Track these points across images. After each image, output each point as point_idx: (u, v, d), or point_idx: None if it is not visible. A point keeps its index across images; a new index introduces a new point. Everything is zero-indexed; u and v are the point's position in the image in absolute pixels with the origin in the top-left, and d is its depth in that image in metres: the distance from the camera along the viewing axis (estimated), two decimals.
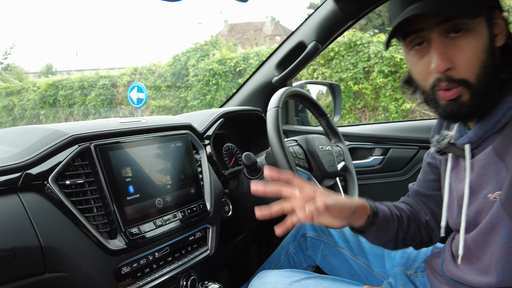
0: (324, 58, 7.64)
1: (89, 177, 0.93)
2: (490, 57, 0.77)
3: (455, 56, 0.77)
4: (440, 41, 0.77)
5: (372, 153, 1.80)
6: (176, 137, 1.16)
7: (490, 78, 0.78)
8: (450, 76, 0.77)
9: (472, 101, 0.78)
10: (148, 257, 1.01)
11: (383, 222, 0.99)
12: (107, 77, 11.43)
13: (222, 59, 9.34)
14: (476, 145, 0.84)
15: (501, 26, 0.80)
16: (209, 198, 1.20)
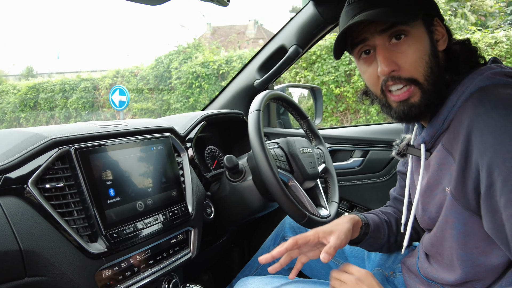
0: (306, 61, 7.70)
1: (69, 180, 0.93)
2: (433, 59, 0.84)
3: (399, 59, 0.83)
4: (384, 47, 0.84)
5: (352, 155, 1.83)
6: (157, 140, 1.16)
7: (437, 78, 0.84)
8: (398, 75, 0.83)
9: (422, 101, 0.84)
10: (129, 260, 1.02)
11: (375, 230, 1.09)
12: (88, 80, 11.29)
13: (205, 62, 9.32)
14: (430, 145, 0.90)
15: (441, 32, 0.87)
16: (191, 201, 1.21)
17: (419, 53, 0.83)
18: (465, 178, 0.78)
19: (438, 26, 0.87)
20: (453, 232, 0.85)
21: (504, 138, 0.71)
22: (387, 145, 1.77)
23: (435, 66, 0.84)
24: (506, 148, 0.71)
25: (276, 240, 1.46)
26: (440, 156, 0.85)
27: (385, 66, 0.83)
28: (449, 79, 0.85)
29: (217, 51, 9.93)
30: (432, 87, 0.84)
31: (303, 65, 7.75)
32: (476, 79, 0.80)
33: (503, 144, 0.71)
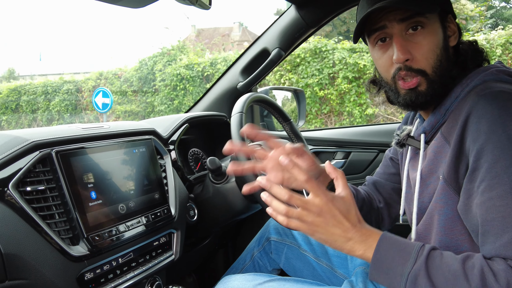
0: (291, 64, 7.75)
1: (51, 183, 0.93)
2: (444, 53, 0.89)
3: (413, 49, 0.87)
4: (400, 36, 0.88)
5: (334, 157, 1.85)
6: (140, 143, 1.16)
7: (445, 71, 0.89)
8: (409, 66, 0.88)
9: (428, 91, 0.88)
10: (111, 263, 1.01)
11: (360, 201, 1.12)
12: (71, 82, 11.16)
13: (189, 64, 9.30)
14: (430, 136, 0.93)
15: (453, 29, 0.92)
16: (174, 203, 1.21)
17: (432, 45, 0.87)
18: (458, 162, 0.82)
19: (451, 23, 0.92)
20: (441, 217, 0.87)
21: (497, 127, 0.74)
22: (369, 146, 1.80)
23: (445, 60, 0.88)
24: (497, 137, 0.74)
25: (260, 242, 1.47)
26: (438, 144, 0.88)
27: (401, 54, 0.86)
28: (455, 73, 0.90)
29: (202, 53, 9.92)
30: (438, 78, 0.88)
31: (287, 67, 7.80)
32: (481, 74, 0.85)
33: (496, 133, 0.74)
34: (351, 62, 7.37)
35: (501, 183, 0.73)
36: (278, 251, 1.42)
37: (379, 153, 1.77)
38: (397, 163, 1.17)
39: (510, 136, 0.74)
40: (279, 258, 1.42)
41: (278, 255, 1.42)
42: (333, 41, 7.73)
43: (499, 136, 0.74)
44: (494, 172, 0.74)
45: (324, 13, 1.61)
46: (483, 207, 0.75)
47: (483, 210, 0.75)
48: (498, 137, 0.74)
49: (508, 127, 0.74)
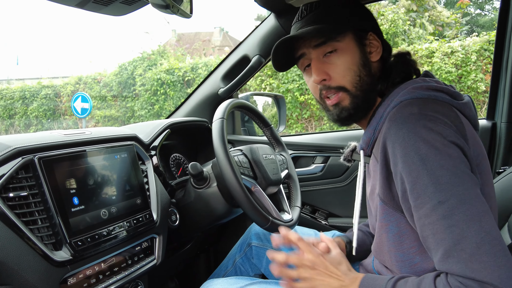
0: (272, 69, 7.80)
1: (33, 189, 0.93)
2: (363, 69, 0.96)
3: (330, 70, 0.96)
4: (317, 60, 0.97)
5: (314, 161, 1.89)
6: (121, 148, 1.18)
7: (366, 86, 0.96)
8: (328, 85, 0.96)
9: (351, 105, 0.96)
10: (94, 268, 1.02)
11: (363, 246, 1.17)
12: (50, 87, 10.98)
13: (170, 69, 9.28)
14: (369, 152, 0.97)
15: (375, 45, 0.99)
16: (156, 208, 1.22)
17: (347, 64, 0.95)
18: (388, 183, 0.87)
19: (373, 40, 0.98)
20: (389, 235, 0.92)
21: (410, 151, 0.78)
22: None
23: (365, 75, 0.95)
24: (411, 160, 0.78)
25: (242, 248, 1.49)
26: (373, 163, 0.95)
27: (316, 76, 0.96)
28: (383, 88, 0.97)
29: (183, 58, 9.90)
30: (360, 93, 0.95)
31: (268, 73, 7.85)
32: (399, 94, 0.89)
33: (409, 156, 0.78)
34: None
35: (424, 202, 0.77)
36: (259, 256, 1.45)
37: None
38: None
39: (423, 157, 0.77)
40: (260, 263, 1.44)
41: (259, 260, 1.45)
42: None
43: (412, 158, 0.78)
44: (415, 194, 0.78)
45: None
46: (418, 225, 0.80)
47: (419, 228, 0.80)
48: (412, 160, 0.78)
49: (419, 148, 0.78)
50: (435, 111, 0.81)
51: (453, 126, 0.81)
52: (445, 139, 0.78)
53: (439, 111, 0.82)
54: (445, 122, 0.80)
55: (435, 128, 0.79)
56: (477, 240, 0.72)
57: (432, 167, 0.77)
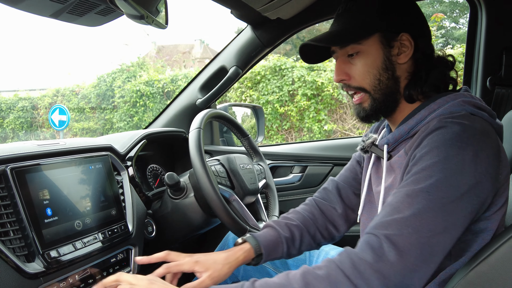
0: (251, 81, 7.85)
1: (5, 200, 0.92)
2: (385, 72, 0.96)
3: (350, 70, 0.98)
4: (341, 59, 1.00)
5: (292, 171, 1.91)
6: (96, 159, 1.17)
7: (386, 89, 0.97)
8: (348, 84, 0.99)
9: (371, 107, 0.98)
10: (68, 280, 1.01)
11: (271, 251, 1.10)
12: (27, 99, 10.77)
13: (149, 81, 9.23)
14: (392, 148, 0.99)
15: (406, 46, 0.96)
16: (131, 219, 1.21)
17: (367, 67, 0.96)
18: None
19: (405, 41, 0.95)
20: None
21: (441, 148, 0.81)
22: (324, 160, 1.86)
23: (386, 78, 0.96)
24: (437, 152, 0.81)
25: None
26: (400, 160, 0.95)
27: (335, 75, 0.99)
28: (413, 94, 0.96)
29: (162, 70, 9.87)
30: (379, 95, 0.97)
31: (248, 84, 7.89)
32: (449, 103, 0.89)
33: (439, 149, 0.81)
34: (310, 79, 7.56)
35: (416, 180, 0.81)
36: None
37: (334, 166, 1.84)
38: (361, 167, 1.21)
39: (448, 157, 0.79)
40: (238, 271, 1.43)
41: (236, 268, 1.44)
42: (292, 60, 7.91)
43: (439, 154, 0.80)
44: (416, 177, 0.81)
45: (279, 33, 1.68)
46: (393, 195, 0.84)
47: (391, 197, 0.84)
48: (437, 153, 0.80)
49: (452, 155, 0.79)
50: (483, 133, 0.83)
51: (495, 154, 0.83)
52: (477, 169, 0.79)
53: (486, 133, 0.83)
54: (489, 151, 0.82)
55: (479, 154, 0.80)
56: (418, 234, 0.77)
57: (450, 170, 0.79)
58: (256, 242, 1.08)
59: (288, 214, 1.21)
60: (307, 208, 1.22)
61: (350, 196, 1.21)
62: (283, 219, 1.18)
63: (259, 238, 1.09)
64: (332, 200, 1.22)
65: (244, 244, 1.08)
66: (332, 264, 0.82)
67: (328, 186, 1.25)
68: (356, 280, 0.78)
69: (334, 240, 1.23)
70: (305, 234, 1.17)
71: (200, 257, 1.03)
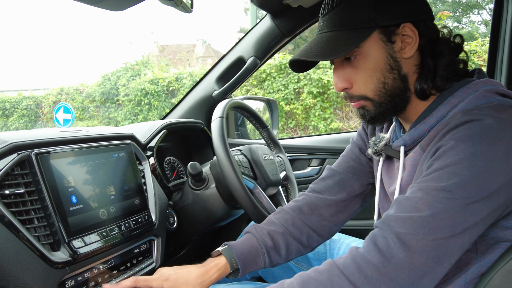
0: (257, 79, 7.82)
1: (30, 186, 0.89)
2: (390, 74, 0.85)
3: (352, 76, 0.87)
4: (338, 65, 0.89)
5: (310, 164, 1.87)
6: (119, 147, 1.14)
7: (393, 91, 0.86)
8: (350, 93, 0.89)
9: (374, 111, 0.88)
10: (92, 270, 0.98)
11: (249, 264, 1.01)
12: (31, 98, 10.75)
13: (154, 79, 9.20)
14: (409, 148, 0.91)
15: (410, 36, 0.85)
16: (154, 209, 1.18)
17: (370, 71, 0.85)
18: None
19: (407, 31, 0.84)
20: None
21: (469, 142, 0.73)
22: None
23: (391, 79, 0.86)
24: (464, 148, 0.73)
25: None
26: (416, 157, 0.87)
27: (337, 84, 0.89)
28: (423, 88, 0.86)
29: (167, 68, 9.84)
30: (384, 99, 0.87)
31: (253, 82, 7.86)
32: (470, 95, 0.81)
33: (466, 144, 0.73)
34: (315, 77, 7.52)
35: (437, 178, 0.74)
36: None
37: None
38: (367, 157, 1.11)
39: (476, 154, 0.72)
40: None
41: None
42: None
43: (466, 148, 0.73)
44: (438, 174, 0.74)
45: (299, 22, 1.64)
46: (409, 190, 0.78)
47: (407, 192, 0.78)
48: (464, 148, 0.73)
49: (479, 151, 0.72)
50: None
51: None
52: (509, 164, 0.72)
53: None
54: None
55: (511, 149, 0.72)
56: (435, 236, 0.71)
57: (478, 169, 0.71)
58: (232, 256, 0.99)
59: (275, 215, 1.10)
60: (297, 206, 1.11)
61: (351, 186, 1.11)
62: (267, 224, 1.08)
63: (236, 250, 1.00)
64: (330, 192, 1.12)
65: (219, 258, 1.00)
66: (335, 270, 0.76)
67: (326, 177, 1.14)
68: (362, 286, 0.73)
69: (333, 235, 1.14)
70: (292, 241, 1.07)
71: (171, 275, 0.96)
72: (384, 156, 1.01)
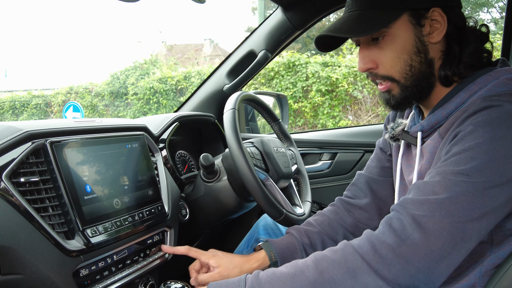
0: (265, 77, 7.81)
1: (45, 175, 0.89)
2: (417, 57, 0.86)
3: (377, 56, 0.87)
4: (365, 45, 0.89)
5: (320, 158, 1.87)
6: (132, 138, 1.14)
7: (419, 75, 0.87)
8: (375, 73, 0.89)
9: (400, 95, 0.89)
10: (106, 260, 0.98)
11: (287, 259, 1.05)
12: (40, 97, 10.86)
13: (163, 78, 9.24)
14: (427, 134, 0.91)
15: (439, 22, 0.85)
16: (167, 201, 1.18)
17: (397, 53, 0.85)
18: None
19: (436, 16, 0.85)
20: None
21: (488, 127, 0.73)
22: (354, 147, 1.82)
23: (418, 63, 0.86)
24: (483, 133, 0.73)
25: (249, 243, 1.45)
26: (434, 144, 0.87)
27: (361, 64, 0.89)
28: (448, 75, 0.86)
29: (175, 67, 9.88)
30: (410, 83, 0.87)
31: (261, 81, 7.86)
32: (491, 82, 0.81)
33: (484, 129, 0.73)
34: (324, 75, 7.50)
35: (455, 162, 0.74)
36: None
37: (365, 153, 1.79)
38: (387, 154, 1.14)
39: (495, 139, 0.72)
40: None
41: None
42: (305, 55, 7.86)
43: (484, 132, 0.73)
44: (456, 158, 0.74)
45: (311, 15, 1.63)
46: (427, 175, 0.78)
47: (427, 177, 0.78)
48: (482, 133, 0.73)
49: (498, 135, 0.72)
50: None
51: None
52: None
53: None
54: None
55: None
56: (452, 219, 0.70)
57: (496, 153, 0.71)
58: (271, 249, 1.06)
59: (313, 217, 1.18)
60: (334, 209, 1.19)
61: (381, 187, 1.14)
62: (305, 225, 1.15)
63: (275, 245, 1.07)
64: (361, 195, 1.16)
65: (260, 252, 1.07)
66: (349, 248, 0.76)
67: (357, 182, 1.19)
68: (376, 265, 0.72)
69: None
70: (327, 240, 1.11)
71: (218, 253, 1.06)
72: (404, 146, 1.01)
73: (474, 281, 0.81)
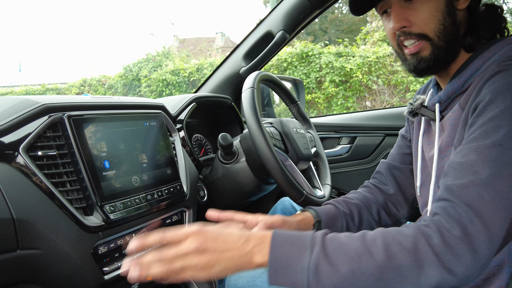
0: (278, 68, 7.76)
1: (62, 149, 0.87)
2: (448, 17, 0.87)
3: (411, 16, 0.87)
4: (397, 5, 0.88)
5: (339, 142, 1.82)
6: (150, 116, 1.11)
7: (450, 36, 0.87)
8: (409, 31, 0.88)
9: (431, 56, 0.88)
10: (125, 238, 0.96)
11: (330, 225, 1.04)
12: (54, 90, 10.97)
13: (175, 70, 9.24)
14: (445, 106, 0.90)
15: None
16: (185, 180, 1.16)
17: (431, 11, 0.86)
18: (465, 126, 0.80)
19: None
20: None
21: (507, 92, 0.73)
22: (375, 131, 1.77)
23: (450, 24, 0.86)
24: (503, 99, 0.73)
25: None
26: (455, 116, 0.86)
27: (395, 23, 0.87)
28: (471, 42, 0.88)
29: (187, 59, 9.87)
30: (443, 43, 0.87)
31: (274, 72, 7.81)
32: (504, 47, 0.81)
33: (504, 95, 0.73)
34: (338, 66, 7.42)
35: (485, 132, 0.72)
36: None
37: (386, 137, 1.75)
38: (408, 140, 1.14)
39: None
40: None
41: None
42: (319, 46, 7.78)
43: (504, 98, 0.72)
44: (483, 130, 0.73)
45: None
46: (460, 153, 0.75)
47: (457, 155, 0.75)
48: (503, 100, 0.72)
49: None
50: None
51: None
52: None
53: None
54: None
55: None
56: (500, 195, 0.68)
57: None
58: (316, 213, 1.05)
59: (348, 194, 1.18)
60: (366, 189, 1.19)
61: (403, 174, 1.14)
62: (342, 197, 1.15)
63: (318, 210, 1.06)
64: (386, 182, 1.17)
65: (304, 212, 1.06)
66: (421, 237, 0.70)
67: (380, 169, 1.20)
68: (446, 256, 0.67)
69: (399, 224, 1.15)
70: (364, 212, 1.11)
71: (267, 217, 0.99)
72: (424, 124, 1.00)
73: (503, 257, 0.81)
